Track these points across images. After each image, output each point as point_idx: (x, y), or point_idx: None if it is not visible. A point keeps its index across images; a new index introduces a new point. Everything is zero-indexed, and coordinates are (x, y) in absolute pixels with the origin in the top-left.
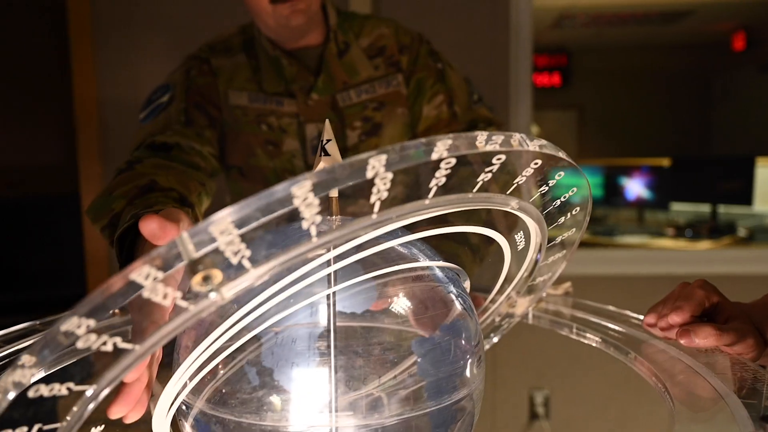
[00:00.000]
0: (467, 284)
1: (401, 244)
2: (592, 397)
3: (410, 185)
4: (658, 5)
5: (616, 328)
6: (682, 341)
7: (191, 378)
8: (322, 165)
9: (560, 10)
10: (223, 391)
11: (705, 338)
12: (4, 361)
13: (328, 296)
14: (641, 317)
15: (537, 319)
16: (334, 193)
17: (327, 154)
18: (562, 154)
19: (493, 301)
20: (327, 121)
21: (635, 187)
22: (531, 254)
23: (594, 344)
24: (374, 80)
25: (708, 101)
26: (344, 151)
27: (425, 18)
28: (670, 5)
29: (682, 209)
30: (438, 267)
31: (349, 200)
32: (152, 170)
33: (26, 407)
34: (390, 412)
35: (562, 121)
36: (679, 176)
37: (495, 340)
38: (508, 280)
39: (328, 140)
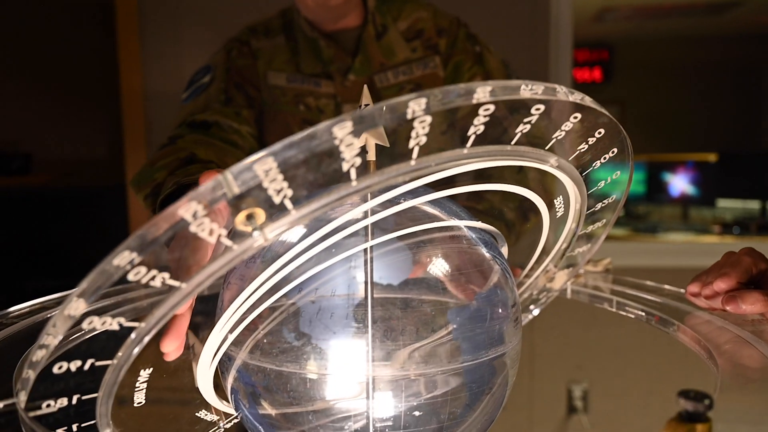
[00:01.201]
0: (504, 250)
1: (438, 208)
2: (632, 390)
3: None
4: None
5: (658, 300)
6: (728, 308)
7: (232, 330)
8: None
9: (601, 2)
10: (264, 341)
11: (752, 304)
12: None
13: (365, 251)
14: (684, 290)
15: (576, 294)
16: (371, 156)
17: None
18: (603, 110)
19: (528, 275)
20: (365, 86)
21: (680, 183)
22: (570, 222)
23: (634, 316)
24: (412, 62)
25: (757, 94)
26: None
27: (463, 12)
28: None
29: (729, 206)
30: (475, 229)
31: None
32: (192, 145)
33: (80, 342)
34: (426, 365)
35: None
36: (726, 171)
37: (535, 312)
38: (545, 251)
39: (366, 105)
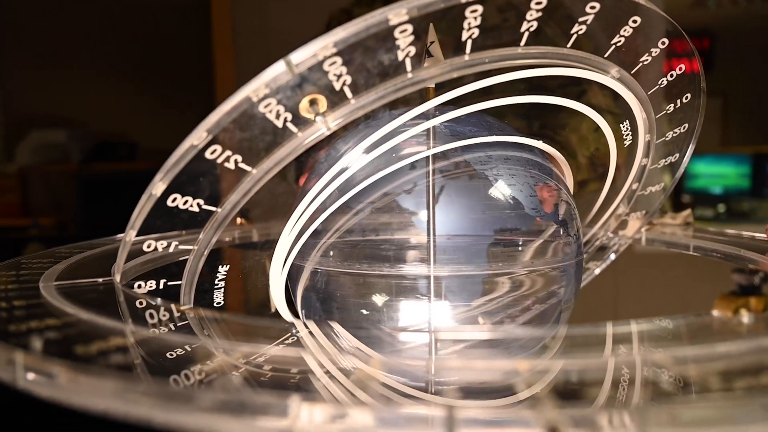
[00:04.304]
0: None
1: (491, 129)
2: None
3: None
4: None
5: (740, 241)
6: None
7: (298, 237)
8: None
9: None
10: (331, 246)
11: None
12: None
13: (427, 159)
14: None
15: (650, 243)
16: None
17: (431, 56)
18: (663, 13)
19: (596, 219)
20: (431, 24)
21: None
22: (639, 157)
23: (709, 257)
24: (501, 29)
25: None
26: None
27: None
28: None
29: None
30: (535, 149)
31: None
32: None
33: (165, 217)
34: (482, 266)
35: None
36: None
37: (612, 257)
38: (614, 188)
39: (432, 42)
